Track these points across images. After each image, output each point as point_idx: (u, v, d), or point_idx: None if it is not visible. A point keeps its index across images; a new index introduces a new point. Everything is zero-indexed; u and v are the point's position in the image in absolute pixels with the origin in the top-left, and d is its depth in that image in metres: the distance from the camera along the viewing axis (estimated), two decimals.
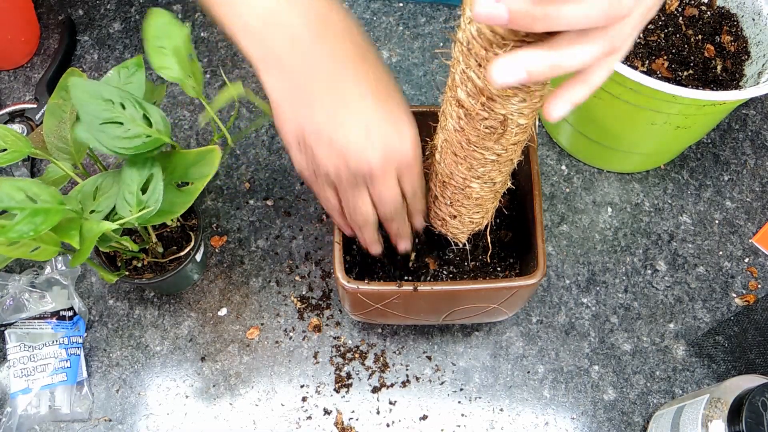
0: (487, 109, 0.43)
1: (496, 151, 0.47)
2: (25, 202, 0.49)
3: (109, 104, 0.51)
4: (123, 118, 0.51)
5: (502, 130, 0.44)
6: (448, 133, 0.49)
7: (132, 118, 0.52)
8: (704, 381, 0.69)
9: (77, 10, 0.88)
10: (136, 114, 0.52)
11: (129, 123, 0.51)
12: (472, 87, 0.42)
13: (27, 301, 0.68)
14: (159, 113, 0.53)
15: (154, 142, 0.52)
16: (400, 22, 0.88)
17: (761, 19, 0.72)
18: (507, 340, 0.71)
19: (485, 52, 0.38)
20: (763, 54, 0.71)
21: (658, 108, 0.64)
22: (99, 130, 0.51)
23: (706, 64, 0.74)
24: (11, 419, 0.64)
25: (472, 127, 0.45)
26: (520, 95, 0.41)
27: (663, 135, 0.69)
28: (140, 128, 0.52)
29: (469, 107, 0.44)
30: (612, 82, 0.63)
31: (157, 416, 0.67)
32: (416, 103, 0.83)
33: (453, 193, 0.54)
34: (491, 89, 0.41)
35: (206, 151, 0.55)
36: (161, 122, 0.53)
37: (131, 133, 0.51)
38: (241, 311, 0.71)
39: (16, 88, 0.82)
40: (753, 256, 0.75)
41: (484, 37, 0.37)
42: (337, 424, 0.67)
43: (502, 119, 0.43)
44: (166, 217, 0.55)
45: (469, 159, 0.49)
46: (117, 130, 0.51)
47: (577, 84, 0.38)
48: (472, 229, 0.59)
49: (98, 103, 0.51)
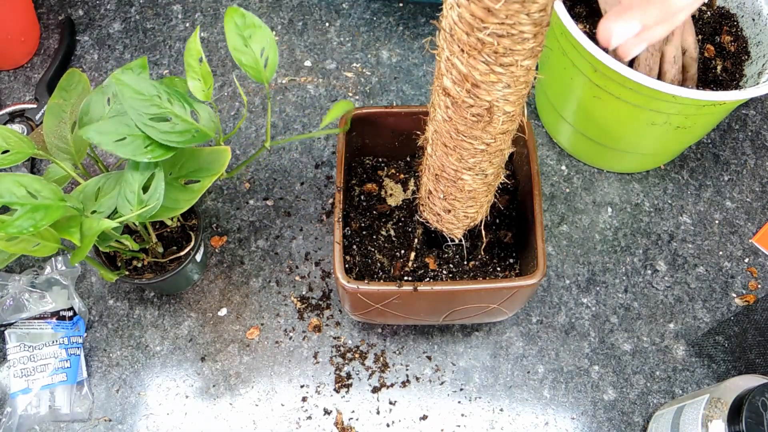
0: (473, 96, 0.43)
1: (485, 140, 0.47)
2: (26, 198, 0.49)
3: (156, 100, 0.52)
4: (171, 113, 0.53)
5: (489, 117, 0.44)
6: (438, 124, 0.49)
7: (179, 114, 0.53)
8: (704, 381, 0.69)
9: (77, 10, 0.88)
10: (183, 110, 0.53)
11: (176, 118, 0.53)
12: (456, 74, 0.42)
13: (27, 301, 0.68)
14: (207, 110, 0.55)
15: (202, 136, 0.54)
16: (400, 22, 0.88)
17: (761, 19, 0.72)
18: (507, 340, 0.71)
19: (467, 36, 0.38)
20: (763, 54, 0.71)
21: (658, 108, 0.64)
22: (147, 125, 0.52)
23: (706, 65, 0.74)
24: (11, 419, 0.64)
25: (459, 116, 0.45)
26: (503, 80, 0.41)
27: (663, 135, 0.69)
28: (187, 123, 0.53)
29: (456, 95, 0.44)
30: (612, 82, 0.63)
31: (157, 416, 0.67)
32: (416, 103, 0.83)
33: (446, 186, 0.54)
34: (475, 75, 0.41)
35: (218, 150, 0.56)
36: (208, 118, 0.55)
37: (180, 128, 0.53)
38: (241, 311, 0.71)
39: (16, 88, 0.82)
40: (753, 256, 0.75)
41: (465, 21, 0.37)
42: (337, 424, 0.67)
43: (488, 106, 0.43)
44: (170, 213, 0.55)
45: (459, 149, 0.49)
46: (165, 125, 0.52)
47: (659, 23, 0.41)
48: (467, 224, 0.59)
49: (145, 98, 0.52)
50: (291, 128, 0.81)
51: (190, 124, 0.53)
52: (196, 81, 0.55)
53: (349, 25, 0.87)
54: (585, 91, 0.68)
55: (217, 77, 0.83)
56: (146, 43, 0.85)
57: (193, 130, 0.53)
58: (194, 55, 0.55)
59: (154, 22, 0.87)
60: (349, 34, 0.87)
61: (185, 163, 0.56)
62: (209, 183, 0.55)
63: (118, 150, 0.51)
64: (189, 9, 0.88)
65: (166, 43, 0.85)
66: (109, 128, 0.52)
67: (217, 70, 0.84)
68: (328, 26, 0.87)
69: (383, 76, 0.84)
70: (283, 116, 0.82)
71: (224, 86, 0.83)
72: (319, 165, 0.79)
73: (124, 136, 0.51)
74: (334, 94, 0.83)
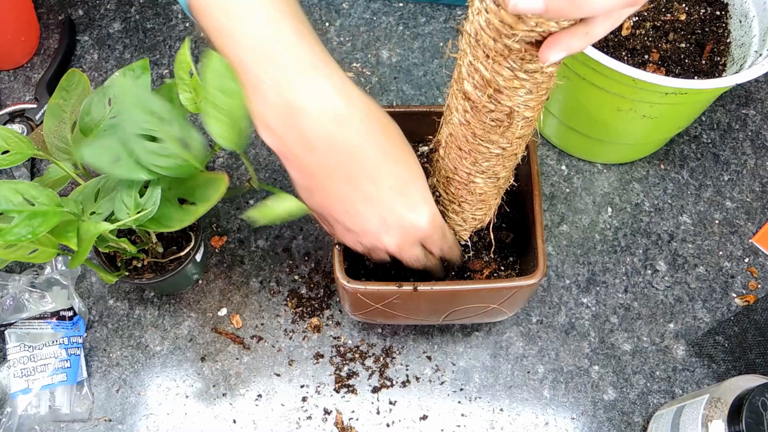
0: (494, 101, 0.43)
1: (501, 144, 0.47)
2: (23, 205, 0.49)
3: (153, 117, 0.49)
4: (163, 135, 0.49)
5: (509, 122, 0.44)
6: (454, 127, 0.49)
7: (172, 137, 0.49)
8: (704, 381, 0.69)
9: (77, 10, 0.88)
10: (178, 134, 0.50)
11: (168, 141, 0.49)
12: (479, 79, 0.42)
13: (27, 301, 0.68)
14: (200, 140, 0.51)
15: (187, 168, 0.51)
16: (400, 22, 0.88)
17: (747, 20, 0.72)
18: (507, 340, 0.71)
19: (494, 42, 0.38)
20: (743, 56, 0.71)
21: (622, 93, 0.64)
22: (133, 141, 0.48)
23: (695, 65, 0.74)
24: (11, 419, 0.64)
25: (478, 120, 0.45)
26: (526, 86, 0.41)
27: (630, 124, 0.69)
28: (177, 149, 0.50)
29: (476, 99, 0.44)
30: (577, 61, 0.64)
31: (157, 416, 0.67)
32: (416, 103, 0.83)
33: (456, 188, 0.54)
34: (498, 81, 0.41)
35: (215, 177, 0.54)
36: (200, 149, 0.51)
37: (167, 152, 0.49)
38: (241, 311, 0.71)
39: (16, 88, 0.82)
40: (753, 256, 0.75)
41: (493, 27, 0.37)
42: (337, 424, 0.67)
43: (509, 111, 0.43)
44: (162, 228, 0.54)
45: (474, 153, 0.49)
46: (152, 145, 0.49)
47: (578, 32, 0.37)
48: (474, 226, 0.59)
49: (143, 112, 0.49)
50: None
51: (180, 151, 0.50)
52: (188, 93, 0.52)
53: (349, 25, 0.87)
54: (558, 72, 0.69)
55: None
56: (146, 43, 0.85)
57: (181, 159, 0.50)
58: (184, 68, 0.52)
59: (154, 22, 0.87)
60: (349, 34, 0.87)
61: (183, 182, 0.55)
62: (204, 210, 0.53)
63: (115, 171, 0.49)
64: None
65: (166, 43, 0.85)
66: (102, 146, 0.49)
67: None
68: (328, 26, 0.87)
69: (383, 76, 0.84)
70: None
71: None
72: None
73: (119, 156, 0.49)
74: None
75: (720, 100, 0.83)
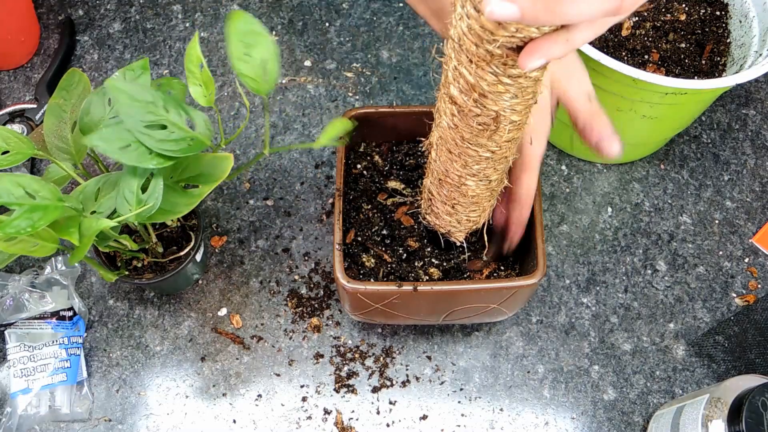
0: (480, 105, 0.43)
1: (490, 148, 0.47)
2: (24, 198, 0.49)
3: (152, 107, 0.51)
4: (167, 121, 0.51)
5: (495, 126, 0.44)
6: (443, 131, 0.49)
7: (175, 122, 0.51)
8: (704, 381, 0.69)
9: (77, 10, 0.88)
10: (179, 118, 0.52)
11: (172, 126, 0.51)
12: (463, 83, 0.42)
13: (27, 301, 0.68)
14: (202, 117, 0.53)
15: (198, 145, 0.53)
16: (400, 22, 0.88)
17: (747, 21, 0.72)
18: (507, 340, 0.71)
19: (476, 48, 0.38)
20: (743, 56, 0.71)
21: (621, 93, 0.64)
22: (143, 133, 0.50)
23: (695, 65, 0.74)
24: (11, 419, 0.64)
25: (465, 124, 0.45)
26: (511, 91, 0.41)
27: (630, 124, 0.69)
28: (183, 132, 0.52)
29: (462, 104, 0.44)
30: None
31: (157, 416, 0.67)
32: (416, 103, 0.83)
33: (449, 191, 0.54)
34: (483, 86, 0.41)
35: (220, 157, 0.55)
36: (204, 126, 0.53)
37: (175, 136, 0.51)
38: (241, 311, 0.71)
39: (16, 88, 0.82)
40: (753, 256, 0.75)
41: (474, 33, 0.37)
42: (337, 424, 0.67)
43: (495, 116, 0.43)
44: (168, 216, 0.55)
45: (464, 156, 0.49)
46: (161, 132, 0.51)
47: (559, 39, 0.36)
48: (469, 227, 0.59)
49: (141, 105, 0.50)
50: (291, 128, 0.81)
51: (186, 132, 0.52)
52: (198, 87, 0.54)
53: (349, 25, 0.87)
54: None
55: (217, 77, 0.83)
56: (146, 43, 0.85)
57: (189, 138, 0.52)
58: (194, 61, 0.54)
59: (154, 22, 0.87)
60: (349, 34, 0.87)
61: (186, 167, 0.56)
62: (209, 190, 0.55)
63: (124, 157, 0.50)
64: (189, 9, 0.88)
65: (166, 43, 0.86)
66: (113, 135, 0.51)
67: (217, 70, 0.84)
68: (328, 26, 0.87)
69: (383, 76, 0.84)
70: (283, 116, 0.82)
71: (224, 86, 0.83)
72: (319, 165, 0.79)
73: (129, 143, 0.51)
74: (334, 94, 0.83)
75: (720, 100, 0.83)
